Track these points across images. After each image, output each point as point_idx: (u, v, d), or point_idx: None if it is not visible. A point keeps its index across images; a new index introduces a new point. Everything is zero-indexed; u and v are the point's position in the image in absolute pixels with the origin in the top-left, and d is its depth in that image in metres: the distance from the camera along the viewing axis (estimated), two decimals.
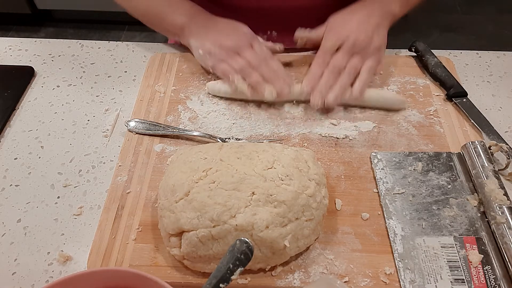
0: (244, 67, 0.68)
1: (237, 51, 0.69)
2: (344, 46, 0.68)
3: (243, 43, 0.70)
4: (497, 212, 0.53)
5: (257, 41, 0.72)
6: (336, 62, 0.67)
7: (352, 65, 0.67)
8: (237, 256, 0.43)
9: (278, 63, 0.70)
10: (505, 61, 0.78)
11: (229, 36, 0.70)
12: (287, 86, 0.67)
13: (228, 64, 0.69)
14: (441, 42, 2.22)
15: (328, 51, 0.68)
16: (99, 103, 0.72)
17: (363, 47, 0.68)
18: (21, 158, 0.65)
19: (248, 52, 0.69)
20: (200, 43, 0.71)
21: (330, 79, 0.66)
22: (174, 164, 0.55)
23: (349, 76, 0.66)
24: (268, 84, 0.67)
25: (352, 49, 0.67)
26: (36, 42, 0.84)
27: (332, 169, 0.61)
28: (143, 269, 0.48)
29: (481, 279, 0.49)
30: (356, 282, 0.50)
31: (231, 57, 0.69)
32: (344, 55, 0.67)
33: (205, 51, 0.70)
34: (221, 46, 0.69)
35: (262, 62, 0.68)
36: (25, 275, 0.53)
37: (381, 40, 0.70)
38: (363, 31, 0.68)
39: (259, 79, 0.67)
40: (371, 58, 0.68)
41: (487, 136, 0.64)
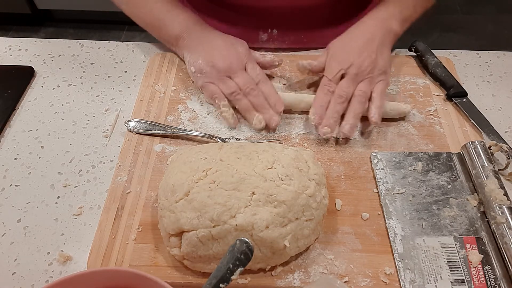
0: (234, 92, 0.66)
1: (229, 73, 0.67)
2: (349, 74, 0.66)
3: (236, 65, 0.68)
4: (497, 212, 0.53)
5: (251, 61, 0.69)
6: (341, 91, 0.65)
7: (362, 92, 0.65)
8: (237, 256, 0.43)
9: (271, 87, 0.68)
10: (505, 61, 0.78)
11: (223, 56, 0.68)
12: (276, 116, 0.65)
13: (217, 87, 0.67)
14: (441, 42, 2.22)
15: (333, 80, 0.66)
16: (99, 103, 0.72)
17: (368, 72, 0.66)
18: (21, 158, 0.65)
19: (240, 76, 0.67)
20: (193, 59, 0.70)
21: (338, 108, 0.64)
22: (174, 164, 0.55)
23: (360, 102, 0.64)
24: (257, 112, 0.65)
25: (357, 77, 0.65)
26: (36, 42, 0.83)
27: (332, 169, 0.61)
28: (143, 269, 0.48)
29: (481, 279, 0.49)
30: (356, 282, 0.50)
31: (222, 80, 0.67)
32: (349, 83, 0.65)
33: (197, 69, 0.69)
34: (214, 67, 0.67)
35: (253, 88, 0.66)
36: (25, 275, 0.53)
37: (386, 61, 0.68)
38: (366, 56, 0.66)
39: (248, 107, 0.66)
40: (380, 82, 0.66)
41: (487, 136, 0.64)
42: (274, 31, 0.81)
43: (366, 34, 0.69)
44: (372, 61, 0.66)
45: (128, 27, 2.36)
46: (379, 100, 0.65)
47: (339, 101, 0.64)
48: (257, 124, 0.65)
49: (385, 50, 0.69)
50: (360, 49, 0.67)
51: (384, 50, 0.68)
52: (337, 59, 0.67)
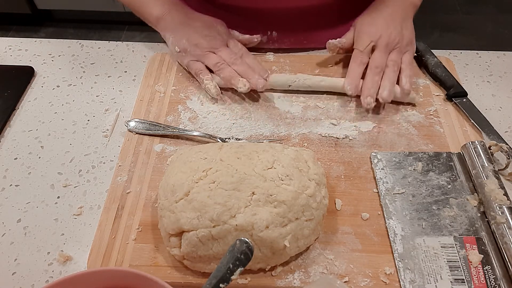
0: (218, 62, 0.70)
1: (213, 50, 0.71)
2: (379, 46, 0.69)
3: (218, 42, 0.72)
4: (497, 212, 0.53)
5: (232, 39, 0.74)
6: (376, 61, 0.68)
7: (394, 61, 0.69)
8: (237, 256, 0.43)
9: (253, 59, 0.72)
10: (505, 61, 0.78)
11: (205, 35, 0.72)
12: (261, 79, 0.68)
13: (202, 63, 0.71)
14: (441, 42, 2.22)
15: (364, 52, 0.70)
16: (99, 103, 0.72)
17: (396, 43, 0.70)
18: (21, 158, 0.65)
19: (223, 51, 0.71)
20: (176, 39, 0.73)
21: (375, 79, 0.67)
22: (174, 164, 0.55)
23: (394, 71, 0.68)
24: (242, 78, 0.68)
25: (387, 47, 0.69)
26: (36, 42, 0.84)
27: (332, 169, 0.61)
28: (143, 269, 0.48)
29: (481, 279, 0.49)
30: (356, 282, 0.50)
31: (206, 55, 0.71)
32: (381, 54, 0.69)
33: (181, 49, 0.72)
34: (197, 45, 0.71)
35: (237, 59, 0.71)
36: (25, 275, 0.53)
37: (410, 32, 0.72)
38: (392, 28, 0.70)
39: (232, 73, 0.69)
40: (407, 52, 0.71)
41: (487, 136, 0.64)
42: (273, 33, 0.81)
43: (388, 9, 0.73)
44: (398, 33, 0.70)
45: (128, 27, 2.37)
46: (409, 70, 0.69)
47: (376, 71, 0.68)
48: (242, 87, 0.67)
49: (408, 21, 0.73)
50: (386, 22, 0.71)
51: (407, 22, 0.73)
52: (366, 32, 0.71)
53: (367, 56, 0.70)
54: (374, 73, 0.68)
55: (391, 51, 0.70)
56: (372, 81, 0.67)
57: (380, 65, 0.68)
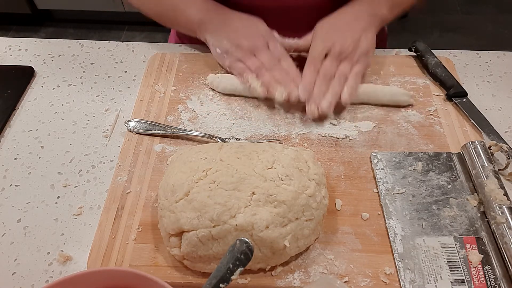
0: (259, 67, 0.69)
1: (253, 51, 0.71)
2: (331, 53, 0.68)
3: (259, 43, 0.71)
4: (497, 212, 0.53)
5: (273, 39, 0.73)
6: (325, 69, 0.68)
7: (341, 72, 0.68)
8: (237, 256, 0.43)
9: (291, 63, 0.71)
10: (505, 61, 0.78)
11: (246, 35, 0.72)
12: (296, 89, 0.67)
13: (244, 63, 0.71)
14: (441, 42, 2.22)
15: (317, 58, 0.69)
16: (99, 103, 0.72)
17: (349, 52, 0.68)
18: (21, 158, 0.65)
19: (264, 53, 0.71)
20: (217, 41, 0.73)
21: (323, 87, 0.67)
22: (174, 164, 0.55)
23: (339, 82, 0.67)
24: (279, 85, 0.68)
25: (339, 55, 0.68)
26: (36, 42, 0.84)
27: (332, 169, 0.61)
28: (143, 269, 0.48)
29: (481, 279, 0.49)
30: (356, 282, 0.50)
31: (247, 57, 0.71)
32: (332, 62, 0.68)
33: (223, 51, 0.72)
34: (238, 46, 0.71)
35: (275, 64, 0.70)
36: (25, 275, 0.53)
37: (369, 44, 0.70)
38: (349, 36, 0.69)
39: (271, 80, 0.68)
40: (358, 63, 0.69)
41: (487, 136, 0.64)
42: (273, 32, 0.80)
43: (352, 15, 0.72)
44: (354, 41, 0.69)
45: (128, 27, 2.37)
46: (353, 80, 0.67)
47: (324, 80, 0.67)
48: (279, 97, 0.67)
49: (370, 32, 0.71)
50: (345, 29, 0.70)
51: (368, 33, 0.71)
52: (321, 38, 0.70)
53: (320, 63, 0.68)
54: (321, 82, 0.67)
55: (342, 60, 0.68)
56: (319, 90, 0.66)
57: (329, 73, 0.67)
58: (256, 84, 0.68)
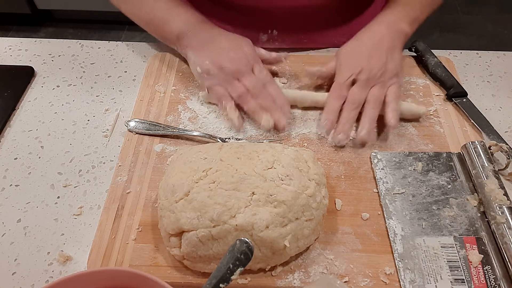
0: (242, 94, 0.66)
1: (237, 76, 0.67)
2: (359, 80, 0.65)
3: (244, 67, 0.67)
4: (497, 212, 0.53)
5: (258, 62, 0.69)
6: (354, 97, 0.65)
7: (375, 96, 0.65)
8: (237, 256, 0.43)
9: (277, 88, 0.67)
10: (505, 61, 0.78)
11: (230, 57, 0.67)
12: (284, 117, 0.65)
13: (225, 89, 0.67)
14: (441, 42, 2.22)
15: (344, 85, 0.66)
16: (99, 103, 0.72)
17: (379, 76, 0.66)
18: (21, 158, 0.65)
19: (248, 78, 0.67)
20: (199, 59, 0.68)
21: (351, 115, 0.64)
22: (174, 164, 0.55)
23: (374, 108, 0.64)
24: (265, 112, 0.65)
25: (368, 82, 0.65)
26: (36, 42, 0.84)
27: (332, 169, 0.61)
28: (143, 269, 0.48)
29: (481, 279, 0.49)
30: (356, 282, 0.50)
31: (230, 82, 0.67)
32: (361, 89, 0.65)
33: (204, 71, 0.67)
34: (221, 69, 0.66)
35: (261, 89, 0.66)
36: (25, 275, 0.53)
37: (397, 64, 0.68)
38: (376, 60, 0.66)
39: (256, 108, 0.65)
40: (393, 85, 0.66)
41: (487, 136, 0.64)
42: (274, 31, 0.81)
43: (375, 38, 0.69)
44: (382, 65, 0.66)
45: (128, 27, 2.37)
46: (394, 103, 0.64)
47: (352, 107, 0.64)
48: (265, 125, 0.64)
49: (396, 52, 0.68)
50: (370, 53, 0.67)
51: (394, 53, 0.68)
52: (347, 64, 0.67)
53: (347, 90, 0.65)
54: (350, 109, 0.64)
55: (373, 86, 0.65)
56: (348, 117, 0.64)
57: (358, 101, 0.64)
58: (233, 115, 0.65)
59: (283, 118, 0.65)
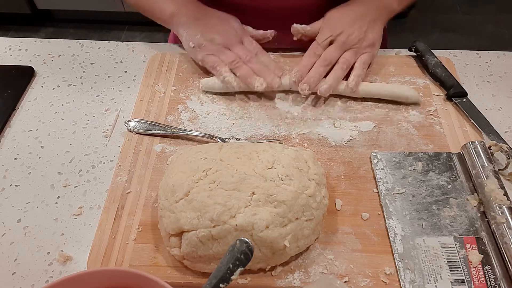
0: (234, 60, 0.69)
1: (228, 46, 0.71)
2: (337, 41, 0.69)
3: (233, 39, 0.72)
4: (497, 212, 0.53)
5: (247, 36, 0.74)
6: (327, 55, 0.69)
7: (346, 59, 0.69)
8: (237, 256, 0.43)
9: (268, 57, 0.72)
10: (505, 61, 0.78)
11: (219, 31, 0.72)
12: (277, 78, 0.68)
13: (217, 57, 0.70)
14: (441, 42, 2.22)
15: (321, 45, 0.70)
16: (99, 103, 0.72)
17: (355, 42, 0.69)
18: (21, 158, 0.65)
19: (239, 47, 0.71)
20: (190, 35, 0.72)
21: (320, 70, 0.68)
22: (174, 164, 0.55)
23: (342, 69, 0.68)
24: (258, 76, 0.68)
25: (344, 44, 0.69)
26: (36, 42, 0.84)
27: (332, 169, 0.61)
28: (143, 269, 0.48)
29: (481, 279, 0.49)
30: (356, 282, 0.50)
31: (222, 51, 0.71)
32: (336, 49, 0.69)
33: (196, 45, 0.71)
34: (212, 40, 0.71)
35: (252, 57, 0.70)
36: (25, 275, 0.53)
37: (376, 36, 0.71)
38: (357, 27, 0.70)
39: (249, 72, 0.69)
40: (366, 53, 0.70)
41: (487, 136, 0.64)
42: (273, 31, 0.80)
43: (361, 7, 0.73)
44: (361, 32, 0.70)
45: (128, 27, 2.37)
46: (360, 69, 0.68)
47: (323, 64, 0.68)
48: (259, 86, 0.67)
49: (378, 24, 0.72)
50: (353, 19, 0.71)
51: (376, 24, 0.72)
52: (329, 26, 0.71)
53: (323, 50, 0.69)
54: (320, 65, 0.68)
55: (347, 49, 0.69)
56: (316, 71, 0.68)
57: (329, 59, 0.68)
58: (230, 77, 0.68)
59: (276, 79, 0.68)
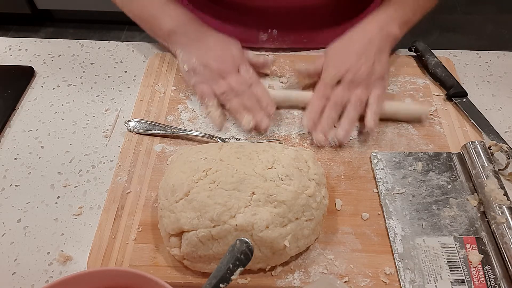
0: (226, 92, 0.66)
1: (222, 74, 0.67)
2: (345, 80, 0.65)
3: (230, 67, 0.68)
4: (497, 212, 0.53)
5: (245, 63, 0.69)
6: (337, 97, 0.65)
7: (357, 98, 0.64)
8: (237, 256, 0.43)
9: (263, 89, 0.67)
10: (505, 61, 0.78)
11: (216, 56, 0.68)
12: (266, 119, 0.65)
13: (209, 86, 0.67)
14: (441, 42, 2.22)
15: (328, 84, 0.66)
16: (99, 103, 0.72)
17: (364, 78, 0.65)
18: (21, 158, 0.64)
19: (233, 77, 0.67)
20: (186, 57, 0.69)
21: (332, 115, 0.64)
22: (174, 164, 0.55)
23: (355, 109, 0.64)
24: (247, 112, 0.65)
25: (352, 83, 0.65)
26: (36, 42, 0.83)
27: (332, 169, 0.61)
28: (143, 269, 0.48)
29: (481, 279, 0.49)
30: (356, 282, 0.50)
31: (215, 80, 0.67)
32: (344, 89, 0.65)
33: (190, 68, 0.69)
34: (207, 67, 0.67)
35: (245, 89, 0.66)
36: (25, 275, 0.53)
37: (383, 67, 0.67)
38: (363, 62, 0.66)
39: (238, 107, 0.65)
40: (376, 88, 0.66)
41: (487, 136, 0.64)
42: (274, 31, 0.81)
43: (364, 38, 0.68)
44: (369, 67, 0.66)
45: (128, 27, 2.36)
46: (375, 106, 0.64)
47: (334, 108, 0.64)
48: (245, 125, 0.64)
49: (383, 55, 0.68)
50: (358, 54, 0.66)
51: (382, 55, 0.68)
52: (334, 64, 0.67)
53: (331, 90, 0.65)
54: (331, 109, 0.64)
55: (357, 86, 0.65)
56: (328, 117, 0.64)
57: (340, 101, 0.64)
58: (215, 113, 0.65)
59: (265, 119, 0.65)
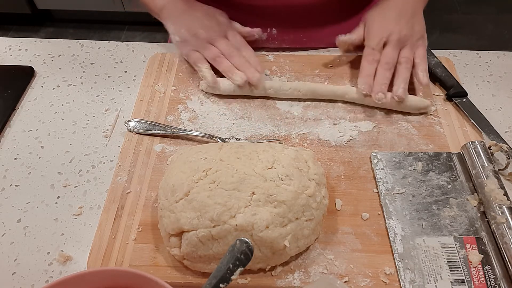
0: (216, 55, 0.71)
1: (211, 41, 0.72)
2: (390, 42, 0.69)
3: (217, 33, 0.73)
4: (497, 212, 0.53)
5: (231, 30, 0.75)
6: (387, 58, 0.68)
7: (407, 57, 0.69)
8: (237, 256, 0.43)
9: (251, 51, 0.73)
10: (505, 61, 0.78)
11: (204, 25, 0.73)
12: (256, 73, 0.69)
13: (200, 53, 0.72)
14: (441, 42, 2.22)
15: (376, 49, 0.69)
16: (99, 103, 0.72)
17: (407, 39, 0.70)
18: (21, 158, 0.65)
19: (221, 42, 0.72)
20: (176, 29, 0.73)
21: (386, 75, 0.68)
22: (174, 164, 0.55)
23: (406, 68, 0.68)
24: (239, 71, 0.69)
25: (399, 42, 0.69)
26: (36, 42, 0.84)
27: (332, 169, 0.61)
28: (143, 269, 0.48)
29: (481, 279, 0.49)
30: (356, 282, 0.50)
31: (204, 47, 0.72)
32: (393, 49, 0.69)
33: (181, 39, 0.73)
34: (196, 35, 0.72)
35: (234, 51, 0.72)
36: (25, 275, 0.53)
37: (422, 27, 0.72)
38: (403, 24, 0.70)
39: (229, 67, 0.70)
40: (420, 47, 0.70)
41: (487, 136, 0.64)
42: (273, 30, 0.81)
43: (398, 4, 0.73)
44: (409, 28, 0.70)
45: (128, 27, 2.37)
46: (423, 64, 0.69)
47: (387, 67, 0.68)
48: (238, 80, 0.68)
49: (418, 16, 0.73)
50: (397, 17, 0.71)
51: (417, 17, 0.72)
52: (376, 30, 0.71)
53: (379, 53, 0.69)
54: (385, 69, 0.68)
55: (402, 47, 0.70)
56: (383, 77, 0.67)
57: (391, 61, 0.68)
58: (207, 73, 0.70)
59: (256, 74, 0.69)
